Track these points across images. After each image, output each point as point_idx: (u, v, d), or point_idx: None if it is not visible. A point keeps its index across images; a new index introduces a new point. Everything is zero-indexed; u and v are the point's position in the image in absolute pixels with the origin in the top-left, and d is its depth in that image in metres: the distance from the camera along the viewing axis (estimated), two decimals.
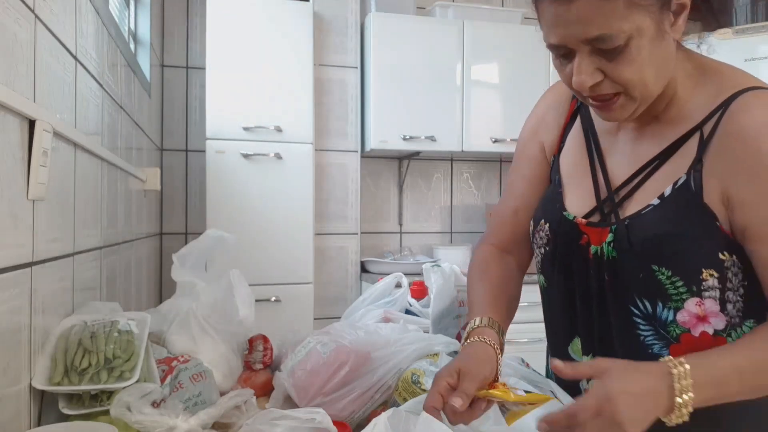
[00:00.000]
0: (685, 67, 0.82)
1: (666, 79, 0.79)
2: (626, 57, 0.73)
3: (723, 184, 0.76)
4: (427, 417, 0.78)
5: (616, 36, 0.71)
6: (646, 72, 0.75)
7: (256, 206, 2.56)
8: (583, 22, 0.71)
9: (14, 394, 0.80)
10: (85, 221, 1.21)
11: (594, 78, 0.75)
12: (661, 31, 0.74)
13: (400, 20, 2.88)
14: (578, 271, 0.87)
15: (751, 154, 0.74)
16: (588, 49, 0.74)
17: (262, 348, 1.14)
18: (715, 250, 0.77)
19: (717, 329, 0.79)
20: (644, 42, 0.72)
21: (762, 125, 0.74)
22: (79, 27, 1.17)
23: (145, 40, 2.38)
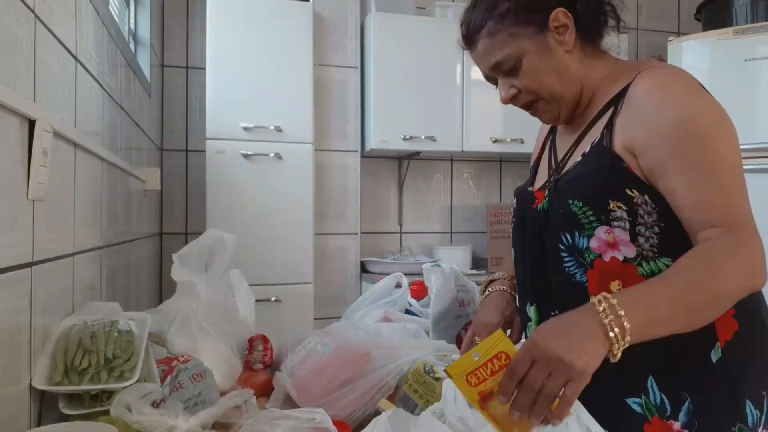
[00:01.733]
0: (608, 67, 1.00)
1: (573, 79, 0.98)
2: (523, 71, 0.97)
3: (625, 135, 0.91)
4: (427, 417, 0.78)
5: (507, 59, 0.97)
6: (545, 79, 0.97)
7: (256, 206, 2.56)
8: (486, 56, 1.00)
9: (14, 394, 0.80)
10: (85, 221, 1.21)
11: (510, 92, 1.00)
12: (546, 47, 0.96)
13: (400, 20, 2.88)
14: (530, 230, 1.02)
15: (641, 109, 0.90)
16: (499, 74, 1.00)
17: (262, 348, 1.14)
18: (622, 186, 0.89)
19: (627, 257, 0.90)
20: (532, 57, 0.96)
21: (648, 86, 0.90)
22: (79, 27, 1.17)
23: (145, 40, 2.38)
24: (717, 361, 0.88)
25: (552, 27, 0.95)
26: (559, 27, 0.95)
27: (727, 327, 0.89)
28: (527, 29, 0.96)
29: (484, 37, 1.00)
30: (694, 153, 0.85)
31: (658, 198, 0.88)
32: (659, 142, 0.87)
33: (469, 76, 2.92)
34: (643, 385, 0.89)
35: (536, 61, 0.96)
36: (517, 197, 1.09)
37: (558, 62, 0.96)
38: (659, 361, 0.89)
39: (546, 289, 1.00)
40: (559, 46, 0.96)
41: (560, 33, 0.96)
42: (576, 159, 0.98)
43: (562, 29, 0.96)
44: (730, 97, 0.95)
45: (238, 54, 2.57)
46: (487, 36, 0.99)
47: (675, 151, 0.86)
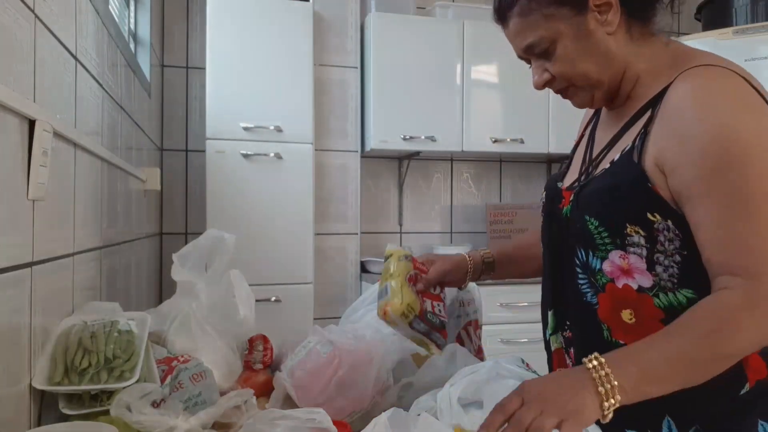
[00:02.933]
0: (655, 53, 0.90)
1: (611, 66, 0.89)
2: (557, 56, 0.89)
3: (658, 149, 0.81)
4: (427, 417, 0.78)
5: (539, 42, 0.88)
6: (580, 65, 0.88)
7: (256, 206, 2.56)
8: (518, 37, 0.91)
9: (14, 394, 0.80)
10: (85, 221, 1.21)
11: (543, 77, 0.92)
12: (585, 30, 0.86)
13: (400, 20, 2.88)
14: (555, 232, 0.98)
15: (676, 120, 0.80)
16: (532, 56, 0.92)
17: (262, 348, 1.14)
18: (644, 209, 0.81)
19: (642, 286, 0.83)
20: (568, 42, 0.87)
21: (686, 93, 0.80)
22: (79, 27, 1.17)
23: (145, 40, 2.38)
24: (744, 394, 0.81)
25: (593, 6, 0.86)
26: (601, 5, 0.86)
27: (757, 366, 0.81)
28: (564, 9, 0.86)
29: (516, 16, 0.89)
30: (726, 182, 0.75)
31: (682, 224, 0.80)
32: (689, 162, 0.77)
33: (469, 76, 2.92)
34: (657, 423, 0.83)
35: (572, 46, 0.87)
36: (546, 192, 1.03)
37: (597, 45, 0.87)
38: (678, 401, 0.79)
39: (563, 296, 0.96)
40: (600, 27, 0.86)
41: (602, 12, 0.86)
42: (605, 165, 0.89)
43: (604, 8, 0.86)
44: None
45: (238, 54, 2.57)
46: (519, 15, 0.89)
47: (703, 176, 0.76)
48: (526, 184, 3.41)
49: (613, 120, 0.95)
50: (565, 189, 0.97)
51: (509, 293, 2.63)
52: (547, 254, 1.01)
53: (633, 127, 0.88)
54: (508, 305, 2.65)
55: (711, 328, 0.74)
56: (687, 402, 0.82)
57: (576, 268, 0.91)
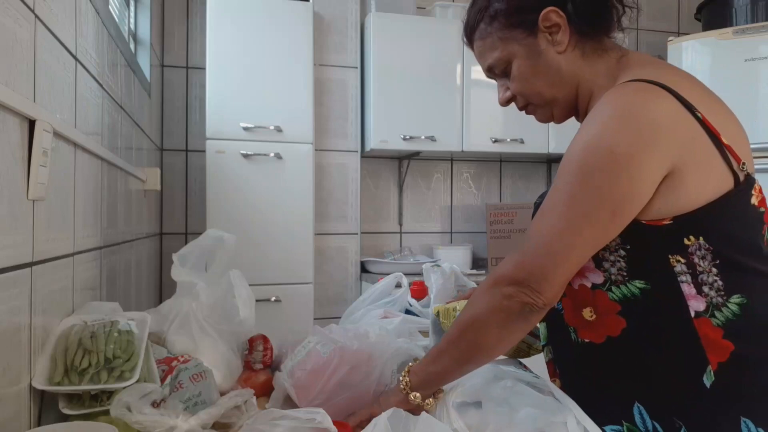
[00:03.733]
0: (609, 70, 0.93)
1: (563, 84, 0.94)
2: (513, 75, 0.96)
3: None
4: (426, 417, 0.78)
5: (497, 62, 0.97)
6: (534, 83, 0.95)
7: (256, 206, 2.56)
8: (480, 58, 1.00)
9: (14, 394, 0.80)
10: (85, 221, 1.21)
11: (505, 95, 1.00)
12: (536, 50, 0.93)
13: (400, 20, 2.88)
14: None
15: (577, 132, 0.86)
16: (494, 76, 1.00)
17: (262, 348, 1.14)
18: None
19: (595, 283, 0.88)
20: (521, 62, 0.94)
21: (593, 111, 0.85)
22: (79, 27, 1.17)
23: (145, 40, 2.38)
24: (711, 386, 0.81)
25: (543, 27, 0.92)
26: (551, 27, 0.92)
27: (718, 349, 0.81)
28: (517, 32, 0.93)
29: (477, 39, 0.99)
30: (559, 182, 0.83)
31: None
32: (559, 167, 0.85)
33: (469, 76, 2.92)
34: (627, 412, 0.86)
35: (525, 66, 0.94)
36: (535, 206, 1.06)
37: (549, 65, 0.93)
38: (646, 387, 0.85)
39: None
40: (551, 46, 0.92)
41: (552, 33, 0.92)
42: None
43: (554, 29, 0.92)
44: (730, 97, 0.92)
45: (238, 54, 2.57)
46: (479, 38, 0.98)
47: (556, 177, 0.85)
48: (526, 184, 3.41)
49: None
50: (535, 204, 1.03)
51: None
52: None
53: None
54: None
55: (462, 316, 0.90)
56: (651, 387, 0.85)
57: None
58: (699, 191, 0.81)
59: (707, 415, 0.82)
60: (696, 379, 0.82)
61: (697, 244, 0.82)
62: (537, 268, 0.81)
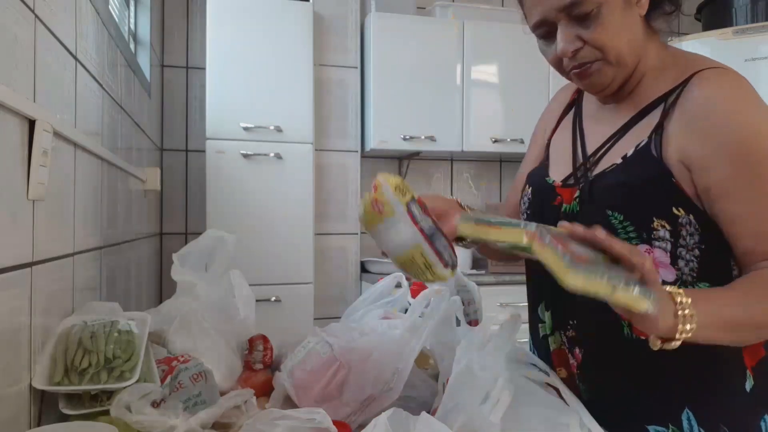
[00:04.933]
0: (659, 52, 0.90)
1: (637, 51, 0.87)
2: (600, 22, 0.82)
3: (681, 146, 0.81)
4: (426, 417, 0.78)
5: (588, 1, 0.81)
6: (620, 37, 0.83)
7: (256, 206, 2.56)
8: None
9: (14, 394, 0.80)
10: (85, 221, 1.21)
11: (575, 44, 0.84)
12: (628, 3, 0.83)
13: (400, 20, 2.88)
14: None
15: (704, 118, 0.80)
16: (566, 19, 0.83)
17: (262, 348, 1.14)
18: (669, 204, 0.81)
19: (666, 280, 0.82)
20: (614, 9, 0.82)
21: (713, 94, 0.81)
22: (79, 27, 1.17)
23: (145, 40, 2.38)
24: (751, 390, 0.83)
25: None
26: None
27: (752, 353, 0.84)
28: None
29: None
30: (762, 178, 0.78)
31: (702, 218, 0.81)
32: (723, 161, 0.79)
33: (469, 76, 2.92)
34: (677, 416, 0.84)
35: (617, 15, 0.83)
36: (533, 187, 1.01)
37: (634, 24, 0.85)
38: (697, 392, 0.84)
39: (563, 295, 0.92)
40: (635, 6, 0.85)
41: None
42: (614, 160, 0.88)
43: None
44: None
45: (238, 54, 2.57)
46: None
47: (740, 174, 0.78)
48: None
49: (612, 114, 0.94)
50: (560, 186, 0.95)
51: (509, 293, 2.63)
52: None
53: (642, 122, 0.87)
54: (508, 305, 2.65)
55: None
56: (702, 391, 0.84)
57: None
58: None
59: (748, 419, 0.83)
60: (740, 383, 0.83)
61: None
62: None
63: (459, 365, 0.87)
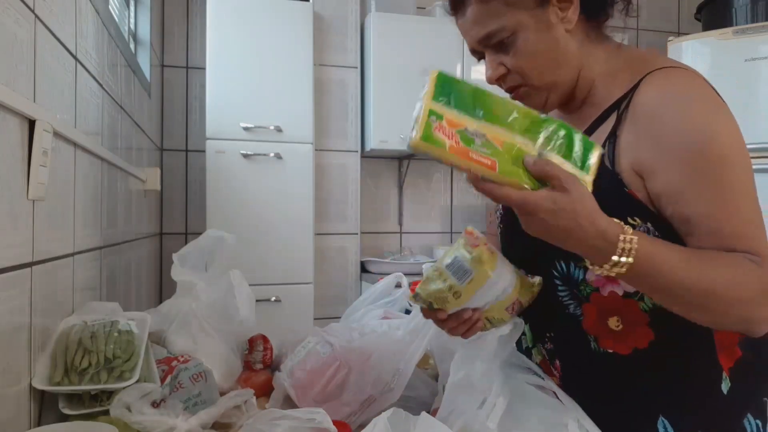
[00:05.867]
0: (608, 57, 0.88)
1: (569, 65, 0.86)
2: (516, 49, 0.84)
3: (632, 153, 0.79)
4: (426, 417, 0.78)
5: (500, 31, 0.83)
6: (537, 60, 0.84)
7: (256, 206, 2.56)
8: (476, 25, 0.85)
9: (14, 394, 0.80)
10: (85, 221, 1.21)
11: (498, 71, 0.87)
12: (546, 24, 0.83)
13: (400, 20, 2.88)
14: (519, 244, 0.92)
15: (651, 124, 0.79)
16: (489, 48, 0.87)
17: (262, 348, 1.14)
18: (624, 214, 0.78)
19: (627, 291, 0.81)
20: (529, 34, 0.83)
21: (661, 96, 0.79)
22: (79, 27, 1.17)
23: (145, 40, 2.38)
24: (728, 392, 0.81)
25: (554, 0, 0.84)
26: (562, 1, 0.84)
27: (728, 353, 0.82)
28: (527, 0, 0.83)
29: (475, 3, 0.85)
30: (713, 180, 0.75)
31: (660, 225, 0.79)
32: (674, 166, 0.77)
33: (469, 76, 2.92)
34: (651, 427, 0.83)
35: (533, 39, 0.83)
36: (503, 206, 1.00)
37: (557, 42, 0.84)
38: (672, 400, 0.83)
39: (540, 310, 0.91)
40: (560, 23, 0.84)
41: (563, 9, 0.84)
42: None
43: (565, 4, 0.84)
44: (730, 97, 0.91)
45: (238, 54, 2.57)
46: (479, 2, 0.85)
47: (692, 175, 0.76)
48: None
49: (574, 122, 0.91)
50: None
51: None
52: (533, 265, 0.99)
53: (597, 131, 0.86)
54: None
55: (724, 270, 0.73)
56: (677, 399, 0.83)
57: (555, 281, 0.88)
58: None
59: (726, 422, 0.82)
60: (716, 387, 0.81)
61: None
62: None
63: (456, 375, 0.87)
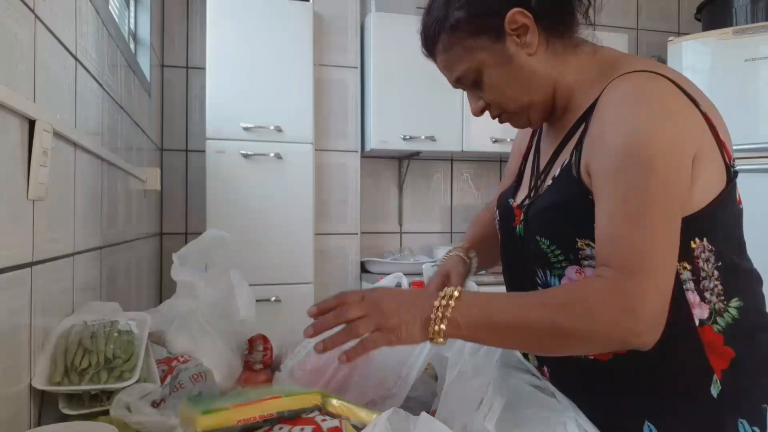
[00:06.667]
0: (582, 64, 0.89)
1: (538, 86, 0.89)
2: (485, 85, 0.90)
3: (586, 159, 0.81)
4: (426, 417, 0.78)
5: (466, 73, 0.90)
6: (508, 90, 0.89)
7: (256, 206, 2.56)
8: (446, 70, 0.95)
9: (14, 394, 0.80)
10: (85, 221, 1.21)
11: (478, 105, 0.94)
12: (506, 56, 0.87)
13: (400, 20, 2.88)
14: (511, 252, 0.98)
15: (598, 127, 0.80)
16: (465, 87, 0.94)
17: (262, 348, 1.14)
18: (590, 222, 0.78)
19: None
20: (492, 70, 0.88)
21: (611, 101, 0.79)
22: (79, 27, 1.17)
23: (145, 40, 2.38)
24: (718, 396, 0.79)
25: (509, 31, 0.85)
26: (517, 29, 0.85)
27: (720, 356, 0.80)
28: (482, 39, 0.87)
29: (440, 52, 0.92)
30: (626, 182, 0.74)
31: None
32: (602, 165, 0.77)
33: None
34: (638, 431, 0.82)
35: (496, 73, 0.88)
36: (499, 210, 1.02)
37: (521, 68, 0.87)
38: (656, 404, 0.82)
39: None
40: (521, 49, 0.86)
41: (520, 35, 0.86)
42: (548, 181, 0.89)
43: (521, 30, 0.85)
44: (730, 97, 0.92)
45: (238, 54, 2.57)
46: (443, 51, 0.92)
47: (608, 175, 0.76)
48: None
49: (555, 133, 0.94)
50: (516, 207, 0.96)
51: None
52: (507, 275, 1.01)
53: (571, 140, 0.87)
54: None
55: (563, 301, 0.74)
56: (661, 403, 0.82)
57: (538, 288, 0.89)
58: (705, 189, 0.79)
59: (716, 425, 0.80)
60: (704, 390, 0.80)
61: (702, 246, 0.80)
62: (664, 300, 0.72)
63: (452, 371, 0.87)
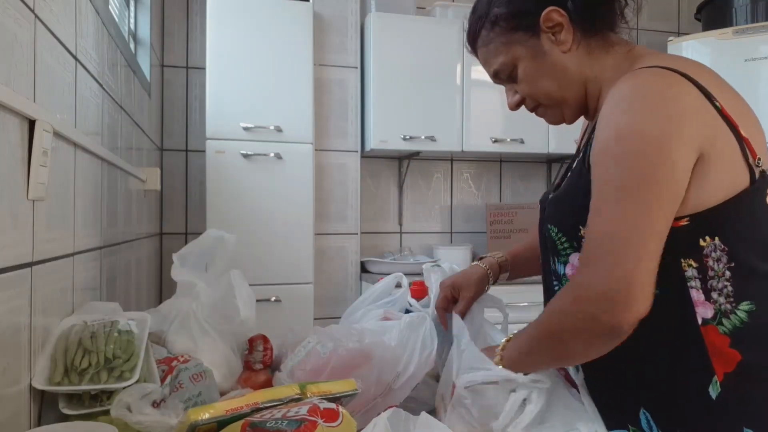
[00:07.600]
0: (616, 63, 0.92)
1: (571, 83, 0.93)
2: (520, 78, 0.95)
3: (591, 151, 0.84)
4: (426, 417, 0.78)
5: (502, 67, 0.96)
6: (541, 84, 0.94)
7: (256, 206, 2.56)
8: (485, 65, 1.00)
9: (14, 394, 0.80)
10: (85, 221, 1.21)
11: (515, 98, 0.99)
12: (541, 51, 0.92)
13: (400, 20, 2.88)
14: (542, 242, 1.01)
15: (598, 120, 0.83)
16: (502, 81, 0.99)
17: (262, 348, 1.14)
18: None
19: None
20: (527, 64, 0.93)
21: (611, 95, 0.82)
22: (79, 27, 1.17)
23: (145, 40, 2.38)
24: (717, 398, 0.78)
25: (545, 28, 0.91)
26: (553, 27, 0.90)
27: (725, 358, 0.79)
28: (519, 35, 0.92)
29: (481, 46, 0.98)
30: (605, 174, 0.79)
31: None
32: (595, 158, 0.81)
33: (469, 76, 2.92)
34: (634, 417, 0.85)
35: (531, 67, 0.93)
36: (540, 204, 1.05)
37: (554, 65, 0.92)
38: (651, 396, 0.84)
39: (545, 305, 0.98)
40: (555, 47, 0.91)
41: (555, 33, 0.91)
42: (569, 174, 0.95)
43: (556, 29, 0.90)
44: None
45: (238, 54, 2.57)
46: (483, 45, 0.98)
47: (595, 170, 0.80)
48: (526, 184, 3.41)
49: (589, 129, 0.98)
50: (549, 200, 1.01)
51: (509, 293, 2.63)
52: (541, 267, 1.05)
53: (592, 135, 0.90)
54: (508, 305, 2.65)
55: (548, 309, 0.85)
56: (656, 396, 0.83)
57: (551, 276, 0.95)
58: (718, 186, 0.78)
59: (711, 427, 0.80)
60: (702, 390, 0.79)
61: (713, 245, 0.79)
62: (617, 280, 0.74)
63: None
